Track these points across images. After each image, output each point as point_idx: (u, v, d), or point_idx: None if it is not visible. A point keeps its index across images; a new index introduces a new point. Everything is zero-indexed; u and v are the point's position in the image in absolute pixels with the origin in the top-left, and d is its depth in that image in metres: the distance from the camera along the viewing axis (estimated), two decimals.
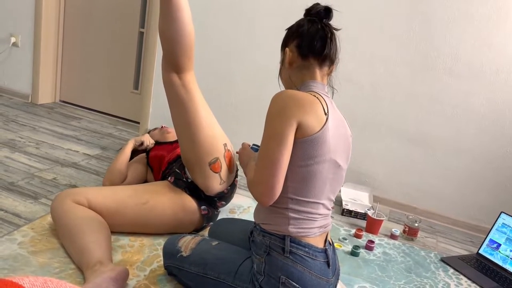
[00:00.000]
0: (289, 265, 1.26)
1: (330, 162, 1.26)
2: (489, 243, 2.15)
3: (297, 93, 1.25)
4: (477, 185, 2.51)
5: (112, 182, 2.05)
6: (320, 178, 1.26)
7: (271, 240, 1.29)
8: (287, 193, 1.26)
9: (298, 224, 1.27)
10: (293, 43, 1.34)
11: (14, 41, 3.46)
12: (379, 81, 2.57)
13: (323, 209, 1.31)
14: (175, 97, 1.74)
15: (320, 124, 1.22)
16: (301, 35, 1.33)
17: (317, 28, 1.32)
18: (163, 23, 1.63)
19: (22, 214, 1.82)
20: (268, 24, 2.71)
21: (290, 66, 1.36)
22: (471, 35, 2.37)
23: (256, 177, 1.24)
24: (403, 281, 1.84)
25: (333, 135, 1.25)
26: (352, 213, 2.40)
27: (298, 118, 1.19)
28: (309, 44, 1.31)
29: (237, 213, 2.19)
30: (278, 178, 1.20)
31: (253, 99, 2.85)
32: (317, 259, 1.28)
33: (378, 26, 2.51)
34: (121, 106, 3.46)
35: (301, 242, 1.27)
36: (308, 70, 1.34)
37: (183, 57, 1.68)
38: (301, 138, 1.21)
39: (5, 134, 2.71)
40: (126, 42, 3.32)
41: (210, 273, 1.38)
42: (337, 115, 1.32)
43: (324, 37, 1.31)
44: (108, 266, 1.41)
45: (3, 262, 1.47)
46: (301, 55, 1.33)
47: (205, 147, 1.75)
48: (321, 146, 1.22)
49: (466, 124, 2.47)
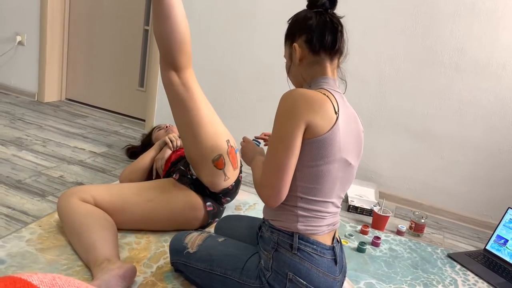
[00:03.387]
0: (296, 261, 1.26)
1: (340, 162, 1.25)
2: (496, 239, 2.14)
3: (306, 92, 1.22)
4: (484, 181, 2.50)
5: (131, 181, 2.06)
6: (330, 178, 1.25)
7: (279, 236, 1.29)
8: (296, 192, 1.25)
9: (307, 222, 1.27)
10: (302, 38, 1.29)
11: (20, 40, 3.48)
12: (385, 76, 2.56)
13: (332, 207, 1.31)
14: (175, 97, 1.74)
15: (330, 123, 1.20)
16: (310, 29, 1.27)
17: (326, 20, 1.27)
18: (156, 22, 1.65)
19: (30, 212, 1.83)
20: (270, 21, 2.70)
21: (300, 63, 1.31)
22: (478, 30, 2.35)
23: (263, 180, 1.23)
24: (410, 277, 1.83)
25: (344, 134, 1.24)
26: (358, 209, 2.40)
27: (307, 118, 1.17)
28: (320, 39, 1.27)
29: (243, 210, 2.19)
30: (284, 182, 1.20)
31: (256, 96, 2.84)
32: (324, 256, 1.28)
33: (384, 21, 2.49)
34: (127, 103, 3.47)
35: (309, 240, 1.27)
36: (319, 66, 1.30)
37: (180, 54, 1.68)
38: (310, 138, 1.19)
39: (12, 132, 2.73)
40: (131, 40, 3.33)
41: (216, 269, 1.38)
42: (348, 111, 1.30)
43: (334, 30, 1.27)
44: (116, 263, 1.42)
45: (11, 260, 1.48)
46: (312, 51, 1.29)
47: (208, 144, 1.76)
48: (330, 146, 1.21)
49: (473, 119, 2.45)
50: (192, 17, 2.84)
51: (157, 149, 2.14)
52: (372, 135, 2.63)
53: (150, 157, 2.12)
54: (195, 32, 2.87)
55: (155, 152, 2.13)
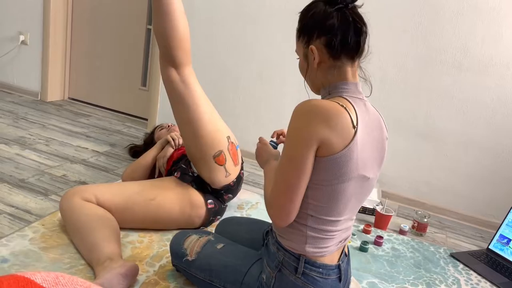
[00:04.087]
0: (299, 286, 1.21)
1: (357, 179, 1.14)
2: (499, 238, 2.13)
3: (321, 106, 1.09)
4: (487, 180, 2.49)
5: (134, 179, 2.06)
6: (344, 196, 1.15)
7: (284, 257, 1.22)
8: (307, 210, 1.16)
9: (316, 243, 1.19)
10: (321, 40, 1.14)
11: (23, 39, 3.49)
12: (388, 75, 2.55)
13: (344, 224, 1.22)
14: (175, 94, 1.76)
15: (347, 140, 1.08)
16: (331, 31, 1.12)
17: (349, 20, 1.12)
18: (156, 19, 1.68)
19: (33, 211, 1.84)
20: (274, 19, 2.70)
21: (318, 67, 1.17)
22: (481, 28, 2.34)
23: (272, 200, 1.15)
24: (412, 276, 1.83)
25: (363, 147, 1.12)
26: (361, 208, 2.39)
27: (321, 136, 1.06)
28: (342, 43, 1.13)
29: (245, 209, 2.19)
30: (294, 204, 1.12)
31: (259, 95, 2.84)
32: (329, 277, 1.22)
33: (387, 20, 2.49)
34: (129, 103, 3.47)
35: (316, 263, 1.20)
36: (339, 70, 1.16)
37: (179, 51, 1.71)
38: (324, 156, 1.08)
39: (15, 132, 2.74)
40: (133, 39, 3.34)
41: (216, 280, 1.36)
42: (369, 118, 1.18)
43: (358, 31, 1.13)
44: (118, 262, 1.42)
45: (14, 258, 1.49)
46: (333, 56, 1.15)
47: (208, 140, 1.77)
48: (347, 165, 1.10)
49: (476, 118, 2.44)
50: (195, 16, 2.84)
51: (159, 147, 2.15)
52: None
53: (152, 156, 2.12)
54: (198, 31, 2.87)
55: (157, 151, 2.14)
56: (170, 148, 2.11)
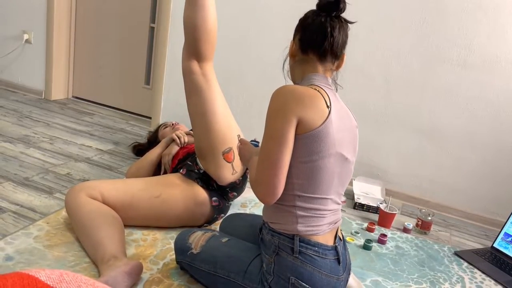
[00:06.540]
0: (298, 265, 1.24)
1: (336, 156, 1.24)
2: (504, 237, 2.12)
3: (296, 88, 1.23)
4: (492, 178, 2.48)
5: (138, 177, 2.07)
6: (326, 173, 1.23)
7: (279, 240, 1.28)
8: (293, 191, 1.24)
9: (307, 222, 1.25)
10: (297, 35, 1.33)
11: (27, 38, 3.50)
12: (391, 73, 2.54)
13: (332, 204, 1.29)
14: (194, 86, 1.78)
15: (322, 117, 1.20)
16: (303, 28, 1.30)
17: (320, 21, 1.26)
18: (189, 10, 1.71)
19: (37, 209, 1.84)
20: (278, 18, 2.69)
21: (293, 59, 1.35)
22: (486, 26, 2.33)
23: (258, 178, 1.22)
24: (416, 274, 1.83)
25: (338, 128, 1.23)
26: (365, 206, 2.39)
27: (297, 114, 1.17)
28: (308, 39, 1.29)
29: (249, 207, 2.19)
30: (279, 178, 1.19)
31: (262, 93, 2.84)
32: (327, 257, 1.27)
33: (390, 18, 2.48)
34: (133, 101, 3.48)
35: (311, 242, 1.25)
36: (309, 64, 1.31)
37: (207, 44, 1.74)
38: (302, 133, 1.19)
39: (20, 130, 2.75)
40: (137, 38, 3.34)
41: (220, 271, 1.38)
42: (341, 106, 1.30)
43: (324, 32, 1.26)
44: (122, 260, 1.43)
45: (19, 256, 1.49)
46: (302, 49, 1.31)
47: (220, 136, 1.78)
48: (324, 140, 1.20)
49: (480, 116, 2.43)
50: None
51: (164, 146, 2.15)
52: (379, 132, 2.62)
53: (156, 154, 2.13)
54: None
55: (162, 149, 2.14)
56: (176, 146, 2.11)
